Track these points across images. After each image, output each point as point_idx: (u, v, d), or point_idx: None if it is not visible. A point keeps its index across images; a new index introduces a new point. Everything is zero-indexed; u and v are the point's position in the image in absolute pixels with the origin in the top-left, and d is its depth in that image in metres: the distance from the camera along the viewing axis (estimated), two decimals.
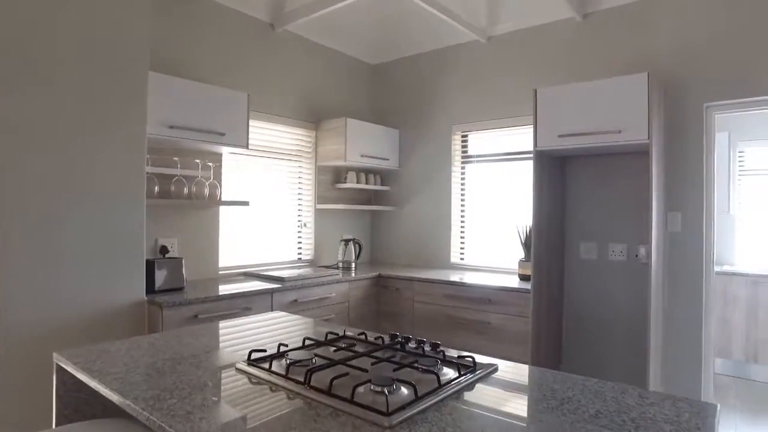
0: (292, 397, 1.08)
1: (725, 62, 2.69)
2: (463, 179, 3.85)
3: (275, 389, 1.12)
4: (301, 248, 3.75)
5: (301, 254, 3.75)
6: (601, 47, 3.10)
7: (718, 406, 1.05)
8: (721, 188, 4.09)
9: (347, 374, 1.14)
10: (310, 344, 1.46)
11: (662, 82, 2.83)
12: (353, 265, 3.72)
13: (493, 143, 3.68)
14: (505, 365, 1.34)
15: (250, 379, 1.19)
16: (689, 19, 2.80)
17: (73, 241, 2.08)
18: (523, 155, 3.48)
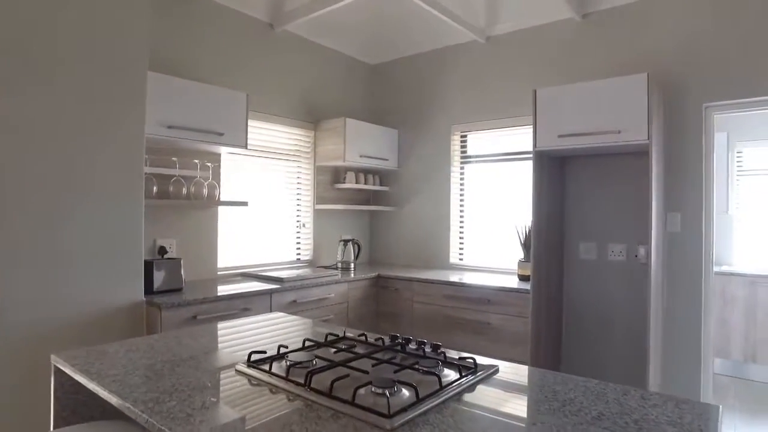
0: (292, 399, 1.07)
1: (724, 63, 2.69)
2: (462, 179, 3.85)
3: (275, 391, 1.11)
4: (299, 249, 3.75)
5: (299, 255, 3.74)
6: (600, 47, 3.10)
7: (720, 408, 1.04)
8: (719, 189, 4.10)
9: (348, 376, 1.14)
10: (310, 345, 1.45)
11: (661, 82, 2.84)
12: (352, 265, 3.71)
13: (492, 143, 3.67)
14: (505, 366, 1.34)
15: (250, 380, 1.18)
16: (688, 19, 2.80)
17: (71, 241, 2.07)
18: (522, 155, 3.48)
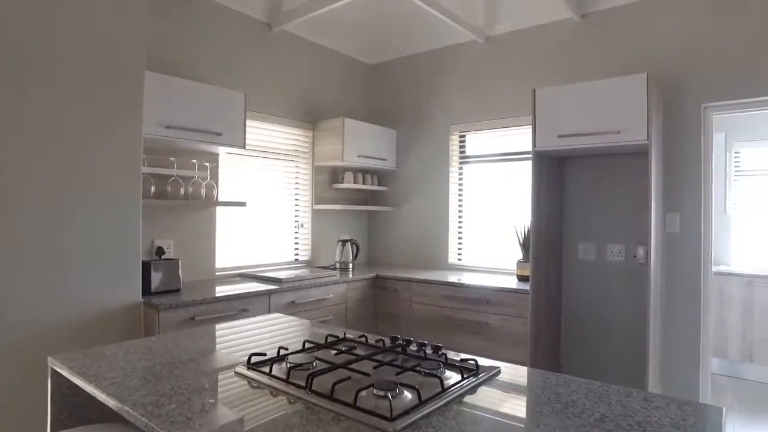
0: (293, 401, 1.06)
1: (723, 63, 2.69)
2: (461, 180, 3.84)
3: (276, 394, 1.10)
4: (298, 249, 3.73)
5: (298, 255, 3.73)
6: (599, 48, 3.10)
7: (723, 409, 1.04)
8: (717, 189, 4.11)
9: (349, 378, 1.13)
10: (310, 347, 1.44)
11: (661, 82, 2.84)
12: (351, 265, 3.70)
13: (491, 143, 3.67)
14: (507, 368, 1.33)
15: (250, 383, 1.17)
16: (687, 19, 2.80)
17: (70, 241, 2.05)
18: (521, 155, 3.47)
